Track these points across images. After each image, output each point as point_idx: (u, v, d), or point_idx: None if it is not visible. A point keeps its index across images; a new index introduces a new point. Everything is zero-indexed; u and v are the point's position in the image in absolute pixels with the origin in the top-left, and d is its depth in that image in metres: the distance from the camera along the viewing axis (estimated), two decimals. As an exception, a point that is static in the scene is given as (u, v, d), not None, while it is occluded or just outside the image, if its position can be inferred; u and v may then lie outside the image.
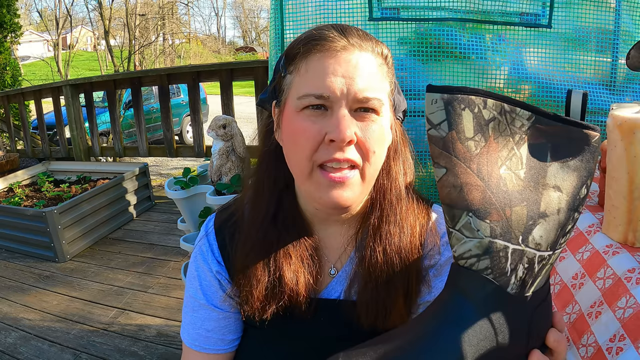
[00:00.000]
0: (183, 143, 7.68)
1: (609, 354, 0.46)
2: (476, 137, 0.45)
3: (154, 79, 3.88)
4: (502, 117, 0.45)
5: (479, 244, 0.44)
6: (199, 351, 0.73)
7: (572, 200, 0.45)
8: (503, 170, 0.45)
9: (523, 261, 0.44)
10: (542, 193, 0.45)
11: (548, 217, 0.45)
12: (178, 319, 2.22)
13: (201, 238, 0.75)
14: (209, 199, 1.62)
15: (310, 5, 1.29)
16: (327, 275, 0.70)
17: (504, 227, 0.44)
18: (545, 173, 0.45)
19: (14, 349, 2.05)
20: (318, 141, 0.58)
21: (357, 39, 0.59)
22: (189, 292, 0.75)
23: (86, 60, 22.25)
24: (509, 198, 0.44)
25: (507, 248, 0.44)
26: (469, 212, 0.45)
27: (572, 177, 0.45)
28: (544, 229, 0.44)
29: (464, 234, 0.45)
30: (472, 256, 0.45)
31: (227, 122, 1.67)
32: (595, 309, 0.53)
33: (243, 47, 33.31)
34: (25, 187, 3.74)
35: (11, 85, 6.54)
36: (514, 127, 0.45)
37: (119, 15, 16.94)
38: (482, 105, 0.45)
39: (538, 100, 1.21)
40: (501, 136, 0.45)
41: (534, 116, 0.45)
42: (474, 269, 0.45)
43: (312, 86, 0.58)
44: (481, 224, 0.44)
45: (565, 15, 1.20)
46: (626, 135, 0.55)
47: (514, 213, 0.44)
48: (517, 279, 0.45)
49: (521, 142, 0.45)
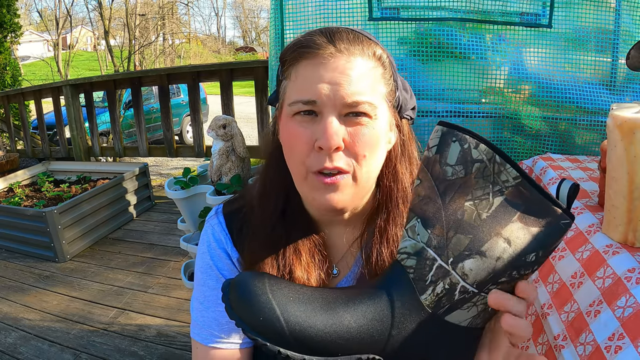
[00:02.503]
0: (183, 143, 7.68)
1: (608, 353, 0.46)
2: (457, 166, 0.49)
3: (154, 79, 3.88)
4: (490, 164, 0.49)
5: (414, 245, 0.50)
6: (214, 346, 0.69)
7: (516, 258, 0.47)
8: (468, 203, 0.49)
9: (445, 281, 0.48)
10: (491, 237, 0.48)
11: (485, 258, 0.47)
12: (178, 319, 2.22)
13: (209, 226, 0.74)
14: (209, 199, 1.62)
15: (310, 5, 1.29)
16: (330, 276, 0.70)
17: (440, 242, 0.49)
18: (505, 225, 0.48)
19: (14, 349, 2.05)
20: (309, 147, 0.59)
21: (346, 43, 0.59)
22: (202, 281, 0.71)
23: (86, 60, 22.25)
24: (458, 224, 0.49)
25: (434, 260, 0.48)
26: (418, 218, 0.51)
27: (527, 240, 0.48)
28: (477, 265, 0.47)
29: (408, 234, 0.52)
30: (405, 253, 0.51)
31: (227, 122, 1.67)
32: (594, 307, 0.53)
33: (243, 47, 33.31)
34: (25, 187, 3.74)
35: (11, 85, 6.54)
36: (498, 178, 0.49)
37: (119, 15, 16.94)
38: (473, 145, 0.49)
39: (538, 100, 1.21)
40: (482, 179, 0.49)
41: (520, 178, 0.48)
42: (402, 263, 0.51)
43: (300, 93, 0.58)
44: (423, 230, 0.50)
45: (566, 15, 1.20)
46: (626, 135, 0.55)
47: (456, 237, 0.48)
48: (434, 294, 0.48)
49: (498, 194, 0.49)
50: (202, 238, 0.75)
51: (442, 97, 1.26)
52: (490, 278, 0.48)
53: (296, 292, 0.50)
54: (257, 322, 0.48)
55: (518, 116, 1.22)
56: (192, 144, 3.80)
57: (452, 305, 0.48)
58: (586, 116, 1.18)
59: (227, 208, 0.76)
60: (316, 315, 0.48)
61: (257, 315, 0.48)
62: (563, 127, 1.21)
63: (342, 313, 0.49)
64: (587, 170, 0.95)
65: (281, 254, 0.66)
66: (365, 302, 0.50)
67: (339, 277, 0.71)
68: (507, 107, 1.22)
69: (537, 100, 1.21)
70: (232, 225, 0.72)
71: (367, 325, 0.49)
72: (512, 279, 0.48)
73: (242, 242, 0.70)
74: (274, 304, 0.48)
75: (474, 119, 1.27)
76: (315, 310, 0.49)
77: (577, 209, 0.73)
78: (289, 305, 0.49)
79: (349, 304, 0.50)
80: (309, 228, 0.69)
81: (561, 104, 1.18)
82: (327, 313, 0.49)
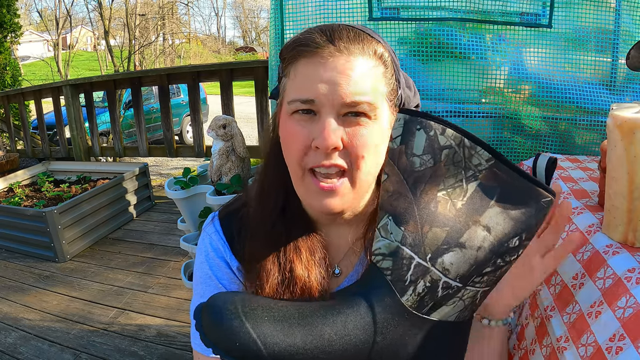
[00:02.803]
0: (183, 143, 7.68)
1: (609, 354, 0.46)
2: (424, 156, 0.47)
3: (154, 79, 3.88)
4: (459, 149, 0.47)
5: (388, 245, 0.48)
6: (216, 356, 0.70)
7: (497, 245, 0.46)
8: (441, 194, 0.47)
9: (426, 279, 0.46)
10: (469, 226, 0.46)
11: (465, 249, 0.45)
12: (178, 319, 2.22)
13: (206, 235, 0.73)
14: (209, 199, 1.62)
15: (310, 5, 1.29)
16: (331, 275, 0.69)
17: (416, 239, 0.46)
18: (483, 212, 0.46)
19: (14, 349, 2.05)
20: (307, 146, 0.58)
21: (345, 42, 0.57)
22: (201, 292, 0.71)
23: (86, 60, 22.24)
24: (432, 218, 0.46)
25: (412, 259, 0.46)
26: (389, 215, 0.48)
27: (507, 224, 0.46)
28: (457, 258, 0.45)
29: (380, 233, 0.49)
30: (380, 254, 0.49)
31: (227, 122, 1.67)
32: (595, 308, 0.53)
33: (243, 47, 33.31)
34: (25, 187, 3.74)
35: (11, 85, 6.53)
36: (470, 162, 0.47)
37: (119, 15, 16.93)
38: (439, 131, 0.47)
39: (538, 100, 1.21)
40: (453, 165, 0.47)
41: (493, 159, 0.46)
42: (378, 265, 0.48)
43: (299, 91, 0.58)
44: (396, 229, 0.47)
45: (566, 15, 1.20)
46: (626, 135, 0.55)
47: (432, 232, 0.46)
48: (415, 293, 0.46)
49: (472, 179, 0.47)
50: (199, 247, 0.74)
51: (442, 97, 1.25)
52: (474, 270, 0.46)
53: (271, 311, 0.48)
54: (234, 347, 0.45)
55: (518, 116, 1.22)
56: (192, 144, 3.80)
57: (436, 302, 0.46)
58: (586, 116, 1.18)
59: (224, 211, 0.75)
60: (294, 332, 0.46)
61: (232, 340, 0.46)
62: (563, 127, 1.21)
63: (321, 327, 0.46)
64: (587, 170, 0.95)
65: (282, 252, 0.66)
66: (344, 311, 0.47)
67: (342, 276, 0.70)
68: (507, 107, 1.22)
69: (537, 100, 1.21)
70: (230, 229, 0.72)
71: (350, 336, 0.46)
72: (498, 267, 0.47)
73: (241, 247, 0.69)
74: (248, 326, 0.46)
75: (474, 119, 1.27)
76: (292, 326, 0.46)
77: (577, 209, 0.73)
78: (264, 325, 0.46)
79: (327, 316, 0.47)
80: (308, 227, 0.68)
81: (561, 104, 1.18)
82: (305, 328, 0.46)
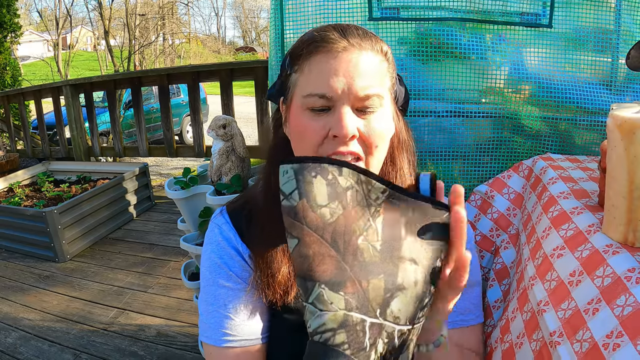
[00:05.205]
0: (183, 143, 7.68)
1: (605, 350, 0.46)
2: (331, 204, 0.44)
3: (154, 79, 3.88)
4: (359, 187, 0.45)
5: (334, 317, 0.42)
6: (228, 345, 0.67)
7: (428, 273, 0.45)
8: (360, 241, 0.44)
9: (382, 335, 0.43)
10: (398, 266, 0.44)
11: (406, 290, 0.44)
12: (178, 319, 2.22)
13: (215, 226, 0.73)
14: (209, 199, 1.62)
15: (310, 5, 1.29)
16: None
17: (360, 299, 0.43)
18: (401, 246, 0.45)
19: (14, 349, 2.05)
20: (322, 136, 0.61)
21: (357, 38, 0.62)
22: (211, 280, 0.70)
23: (86, 60, 22.24)
24: (365, 269, 0.43)
25: (364, 321, 0.42)
26: (321, 284, 0.43)
27: (427, 250, 0.45)
28: (402, 302, 0.44)
29: (317, 307, 0.43)
30: (327, 330, 0.42)
31: (227, 122, 1.67)
32: (592, 305, 0.53)
33: (243, 47, 33.33)
34: (25, 187, 3.74)
35: (11, 85, 6.54)
36: (370, 198, 0.45)
37: (119, 15, 16.93)
38: (337, 173, 0.44)
39: (538, 100, 1.21)
40: (359, 206, 0.44)
41: (387, 190, 0.45)
42: (329, 344, 0.42)
43: (316, 86, 0.60)
44: (335, 296, 0.43)
45: (566, 15, 1.20)
46: (626, 135, 0.55)
47: (371, 285, 0.43)
48: (377, 355, 0.43)
49: (376, 215, 0.45)
50: (207, 238, 0.74)
51: (442, 97, 1.26)
52: (418, 306, 0.45)
53: None
54: None
55: (518, 116, 1.22)
56: (192, 144, 3.80)
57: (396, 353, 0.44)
58: (586, 116, 1.18)
59: (231, 206, 0.76)
60: None
61: None
62: (563, 127, 1.21)
63: None
64: (587, 170, 0.95)
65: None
66: None
67: None
68: (507, 107, 1.22)
69: (537, 100, 1.21)
70: (239, 221, 0.73)
71: None
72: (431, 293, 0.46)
73: (250, 237, 0.70)
74: None
75: (474, 119, 1.27)
76: None
77: (577, 208, 0.73)
78: None
79: None
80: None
81: (561, 104, 1.18)
82: None
